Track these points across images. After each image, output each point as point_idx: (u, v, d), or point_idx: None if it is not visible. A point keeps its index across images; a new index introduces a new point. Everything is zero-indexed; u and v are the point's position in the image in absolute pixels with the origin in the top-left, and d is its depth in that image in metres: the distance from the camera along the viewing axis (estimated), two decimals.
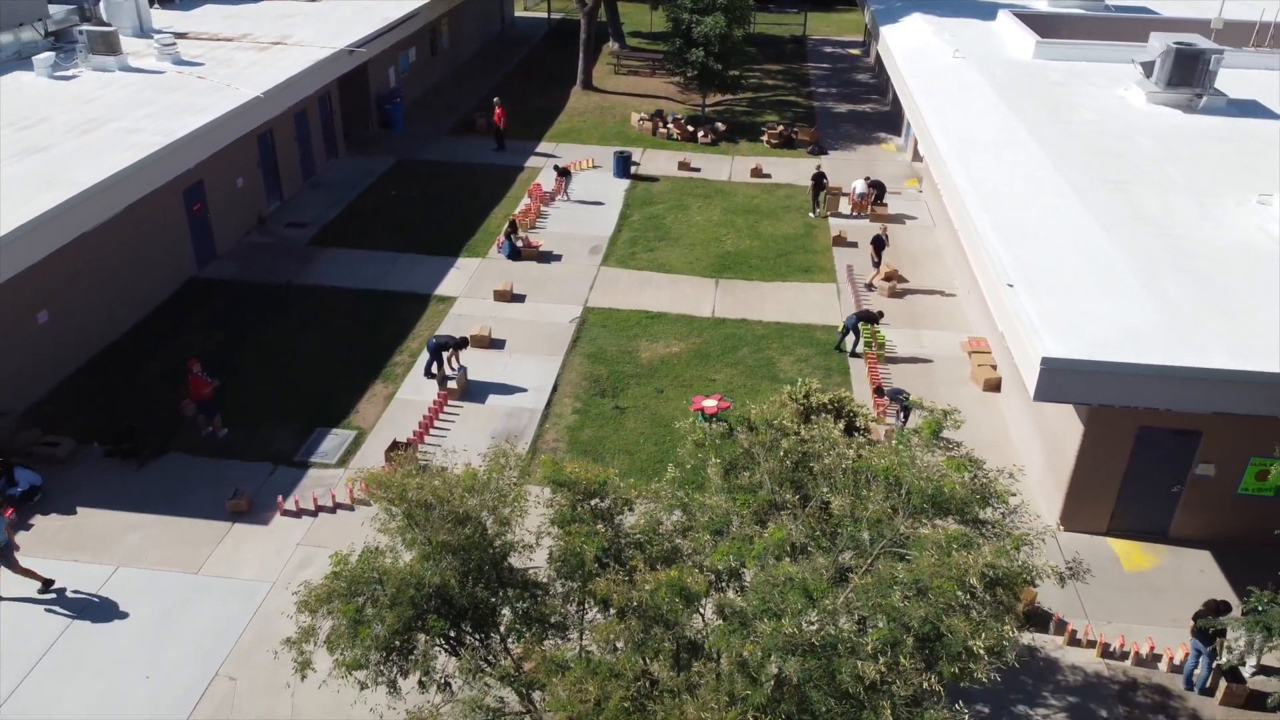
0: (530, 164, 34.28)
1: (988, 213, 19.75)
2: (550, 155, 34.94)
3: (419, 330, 23.52)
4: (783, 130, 37.08)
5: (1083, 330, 15.43)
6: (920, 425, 11.85)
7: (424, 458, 17.54)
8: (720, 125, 37.69)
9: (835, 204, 30.82)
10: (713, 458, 12.96)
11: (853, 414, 13.90)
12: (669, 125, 37.42)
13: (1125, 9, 37.33)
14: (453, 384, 20.98)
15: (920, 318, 24.76)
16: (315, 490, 17.93)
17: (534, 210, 29.87)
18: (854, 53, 51.88)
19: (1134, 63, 27.04)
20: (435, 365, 21.18)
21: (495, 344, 22.99)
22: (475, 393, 21.12)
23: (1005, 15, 34.09)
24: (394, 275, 26.09)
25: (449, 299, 25.07)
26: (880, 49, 37.11)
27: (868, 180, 30.77)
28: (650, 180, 33.28)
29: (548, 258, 27.42)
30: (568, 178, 31.49)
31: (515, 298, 25.12)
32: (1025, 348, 15.46)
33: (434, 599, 11.25)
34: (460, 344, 21.26)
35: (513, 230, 27.18)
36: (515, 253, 27.02)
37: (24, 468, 17.45)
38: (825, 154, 36.04)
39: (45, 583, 15.64)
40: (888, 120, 40.24)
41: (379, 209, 30.20)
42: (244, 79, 27.02)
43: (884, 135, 38.49)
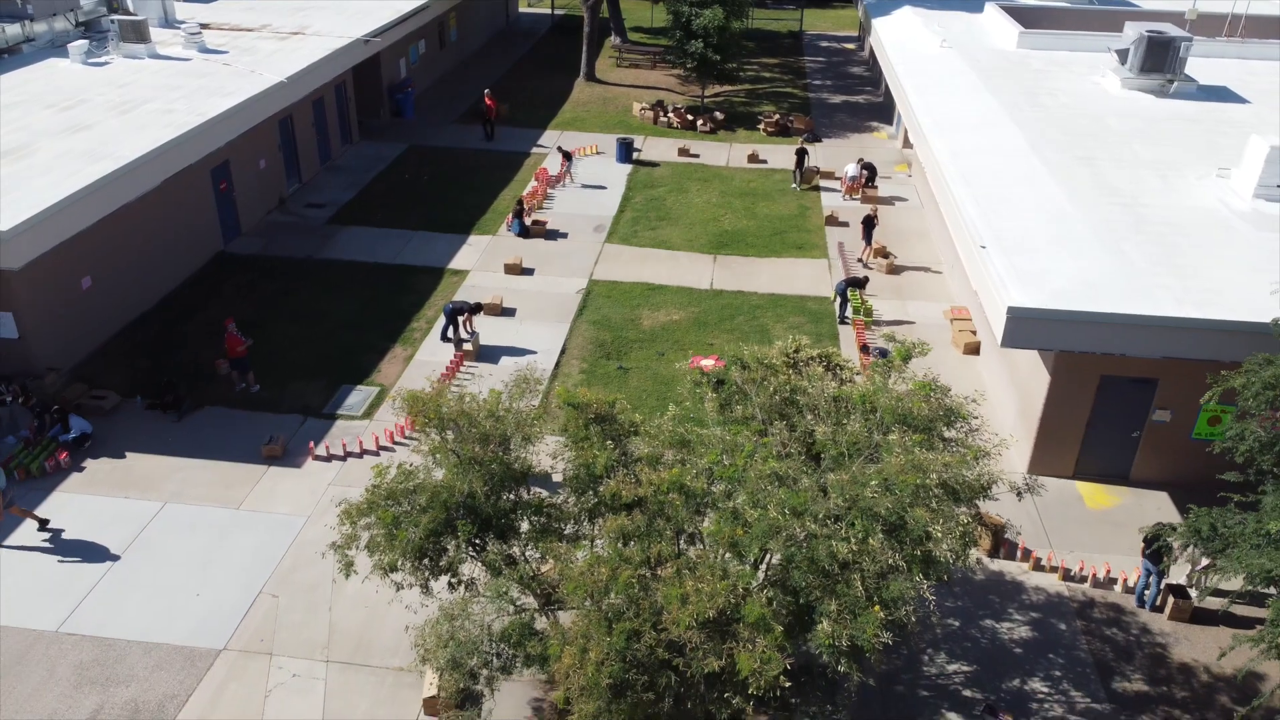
0: (536, 150, 35.77)
1: (966, 185, 21.26)
2: (544, 147, 36.40)
3: (434, 300, 25.02)
4: (779, 119, 38.59)
5: (1046, 284, 16.95)
6: (892, 354, 13.34)
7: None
8: (719, 115, 39.21)
9: (813, 177, 32.69)
10: (709, 393, 14.51)
11: (839, 367, 15.37)
12: (669, 114, 38.93)
13: (1107, 0, 38.83)
14: (468, 346, 22.46)
15: (906, 290, 26.26)
16: (344, 438, 19.42)
17: (541, 192, 31.38)
18: (849, 47, 53.40)
19: (1110, 51, 28.55)
20: (451, 329, 22.68)
21: (506, 312, 24.49)
22: (488, 355, 22.60)
23: (992, 7, 35.61)
24: (409, 251, 27.61)
25: (462, 272, 26.58)
26: (873, 41, 38.63)
27: (860, 162, 32.27)
28: (651, 165, 34.77)
29: (554, 235, 28.92)
30: (570, 159, 32.98)
31: (524, 271, 26.63)
32: (995, 300, 16.96)
33: (462, 507, 12.74)
34: (474, 309, 22.77)
35: (521, 209, 28.67)
36: (524, 230, 28.52)
37: (77, 416, 18.94)
38: (819, 141, 37.53)
39: (41, 522, 16.91)
40: (880, 110, 41.74)
41: (393, 191, 31.70)
42: (267, 66, 28.55)
43: (876, 124, 40.00)
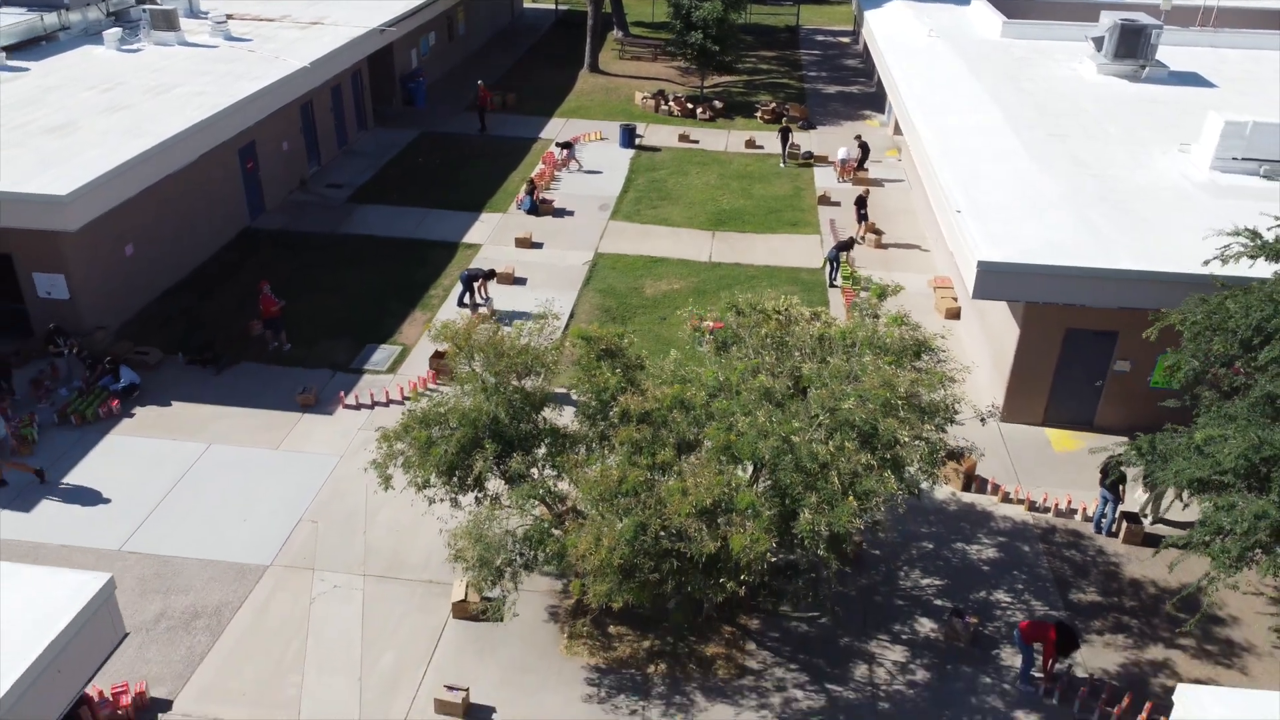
0: (543, 136, 37.43)
1: (946, 159, 22.92)
2: (550, 134, 38.06)
3: (450, 270, 26.68)
4: (775, 108, 40.24)
5: (1013, 241, 18.62)
6: (870, 292, 15.01)
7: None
8: (718, 104, 40.86)
9: (798, 154, 35.15)
10: (706, 335, 16.19)
11: (828, 324, 17.02)
12: (670, 103, 40.59)
13: None
14: (483, 310, 24.11)
15: (894, 262, 27.91)
16: (371, 389, 21.07)
17: (548, 174, 33.03)
18: (844, 41, 55.08)
19: (1086, 38, 30.22)
20: (467, 295, 24.33)
21: (518, 281, 26.14)
22: (502, 319, 24.24)
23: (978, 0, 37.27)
24: (425, 227, 29.27)
25: (475, 245, 28.24)
26: (865, 32, 40.30)
27: (858, 139, 34.10)
28: (653, 150, 36.43)
29: (562, 213, 30.58)
30: (571, 148, 34.62)
31: (534, 245, 28.28)
32: (967, 257, 18.62)
33: (489, 429, 14.38)
34: (489, 275, 24.44)
35: (534, 187, 30.35)
36: (534, 208, 30.18)
37: (127, 367, 20.59)
38: (814, 128, 39.20)
39: (38, 474, 18.17)
40: (872, 100, 43.40)
41: (407, 174, 33.35)
42: (289, 53, 30.20)
43: (868, 112, 41.67)
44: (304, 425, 20.06)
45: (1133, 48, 28.82)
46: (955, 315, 24.85)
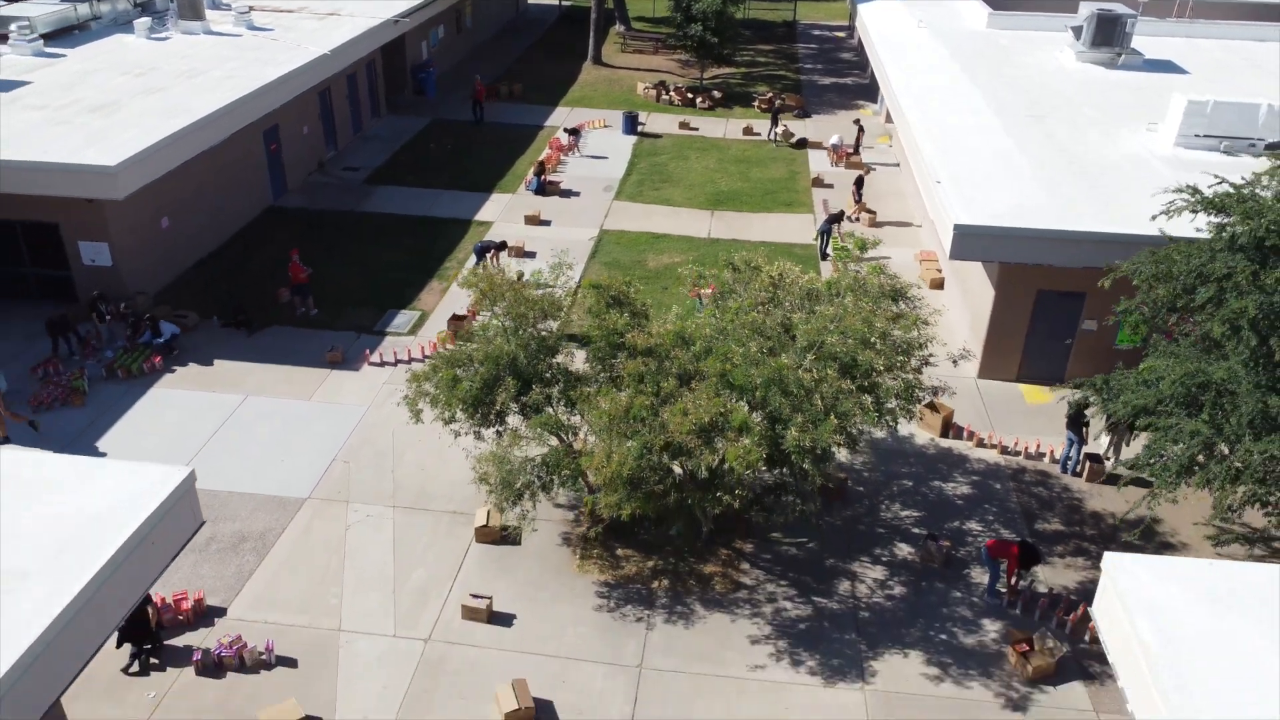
0: (549, 123, 39.08)
1: (930, 137, 24.54)
2: (550, 123, 39.69)
3: (464, 244, 28.32)
4: (772, 97, 41.84)
5: (987, 207, 20.25)
6: (851, 243, 16.63)
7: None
8: (717, 94, 42.50)
9: (788, 136, 36.86)
10: (704, 290, 17.79)
11: (814, 280, 18.63)
12: (671, 93, 42.23)
13: None
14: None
15: (885, 239, 29.50)
16: (395, 349, 22.70)
17: (555, 158, 34.67)
18: (840, 35, 56.75)
19: (1066, 28, 31.86)
20: (480, 265, 25.94)
21: (527, 254, 27.76)
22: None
23: None
24: (439, 206, 30.90)
25: (487, 223, 29.88)
26: (858, 24, 41.93)
27: (857, 123, 36.08)
28: (654, 137, 38.06)
29: (568, 194, 32.21)
30: (577, 135, 36.26)
31: (542, 222, 29.91)
32: (945, 222, 20.25)
33: (509, 367, 15.98)
34: (500, 246, 26.08)
35: (542, 169, 32.00)
36: (542, 188, 31.81)
37: (167, 322, 22.22)
38: (809, 117, 40.86)
39: (31, 424, 19.43)
40: (866, 91, 45.05)
41: (420, 158, 34.99)
42: (309, 41, 31.83)
43: (861, 102, 43.33)
44: (333, 380, 21.68)
45: (1109, 36, 30.46)
46: (939, 285, 26.46)
